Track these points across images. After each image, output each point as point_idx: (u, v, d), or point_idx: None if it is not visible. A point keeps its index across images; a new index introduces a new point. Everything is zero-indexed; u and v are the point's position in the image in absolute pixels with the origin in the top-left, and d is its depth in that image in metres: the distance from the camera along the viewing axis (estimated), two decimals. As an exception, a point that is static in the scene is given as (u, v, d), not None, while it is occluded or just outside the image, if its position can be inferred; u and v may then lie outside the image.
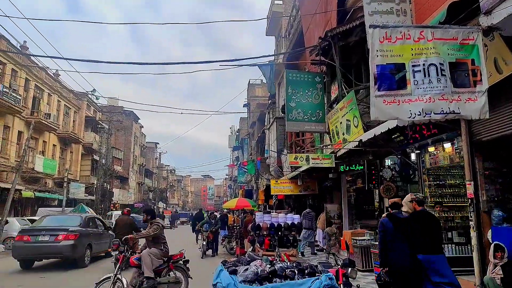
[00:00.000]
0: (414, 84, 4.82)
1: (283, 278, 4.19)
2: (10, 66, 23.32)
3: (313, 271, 4.38)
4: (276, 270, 4.29)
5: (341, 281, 4.49)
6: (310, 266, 4.55)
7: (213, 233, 13.96)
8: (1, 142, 22.79)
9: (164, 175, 76.04)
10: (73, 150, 33.15)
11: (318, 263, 5.35)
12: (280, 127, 20.13)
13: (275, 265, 4.49)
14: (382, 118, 5.31)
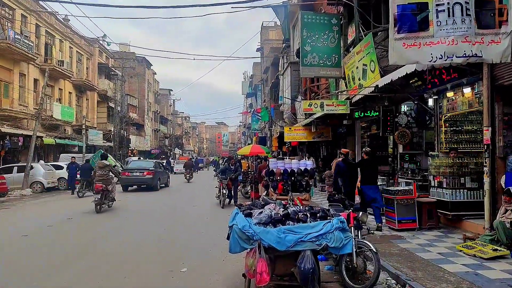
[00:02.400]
0: (437, 25, 4.57)
1: (296, 221, 4.37)
2: (19, 11, 22.90)
3: (325, 214, 4.53)
4: (289, 213, 4.46)
5: (352, 223, 4.66)
6: (322, 210, 4.70)
7: (233, 180, 12.91)
8: (18, 90, 23.12)
9: (179, 122, 76.84)
10: (88, 97, 33.48)
11: (330, 207, 5.52)
12: (294, 72, 19.68)
13: (288, 209, 4.65)
14: (401, 63, 5.14)
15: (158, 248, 6.85)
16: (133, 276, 5.22)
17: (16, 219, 10.78)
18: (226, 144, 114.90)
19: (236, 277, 4.86)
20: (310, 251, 4.02)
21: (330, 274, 5.13)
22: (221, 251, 6.01)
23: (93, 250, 6.73)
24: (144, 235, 8.03)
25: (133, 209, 12.45)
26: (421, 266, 5.26)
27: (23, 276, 5.25)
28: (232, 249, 4.30)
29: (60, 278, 5.16)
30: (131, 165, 21.21)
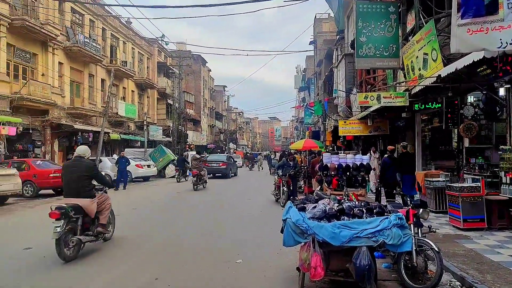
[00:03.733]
0: (508, 7, 4.18)
1: (351, 217, 4.29)
2: (88, 16, 24.83)
3: (382, 210, 4.39)
4: (344, 208, 4.38)
5: (411, 221, 4.46)
6: (379, 205, 4.56)
7: (292, 177, 11.97)
8: (88, 89, 25.14)
9: (233, 117, 78.40)
10: (149, 95, 35.42)
11: (388, 203, 5.33)
12: (349, 64, 19.10)
13: (343, 204, 4.58)
14: (464, 50, 4.78)
15: (215, 238, 7.11)
16: (192, 264, 5.49)
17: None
18: (279, 138, 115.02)
19: (291, 270, 4.90)
20: (366, 247, 3.93)
21: (387, 272, 4.98)
22: (275, 244, 6.08)
23: (157, 235, 7.18)
24: (202, 225, 8.37)
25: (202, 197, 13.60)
26: (490, 268, 4.89)
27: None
28: (286, 243, 4.34)
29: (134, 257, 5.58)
30: (210, 158, 25.56)
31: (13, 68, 18.49)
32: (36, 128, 19.45)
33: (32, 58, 19.79)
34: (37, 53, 19.95)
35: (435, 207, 8.87)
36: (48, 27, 19.60)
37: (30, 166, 14.59)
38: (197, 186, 16.15)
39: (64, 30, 21.92)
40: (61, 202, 6.03)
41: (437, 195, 8.92)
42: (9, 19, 17.38)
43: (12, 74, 18.29)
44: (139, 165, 21.62)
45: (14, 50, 18.47)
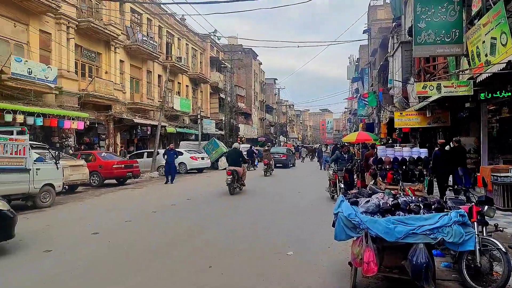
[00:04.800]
0: None
1: (407, 212, 4.11)
2: (145, 15, 26.09)
3: (441, 206, 4.15)
4: (399, 203, 4.21)
5: (475, 218, 4.18)
6: (438, 201, 4.32)
7: (349, 172, 11.14)
8: (146, 85, 26.51)
9: (283, 110, 78.21)
10: (202, 89, 36.48)
11: (448, 199, 5.03)
12: (406, 52, 18.12)
13: (399, 199, 4.40)
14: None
15: (265, 230, 7.20)
16: (244, 254, 5.62)
17: (180, 189, 12.57)
18: (330, 131, 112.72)
19: (342, 265, 4.83)
20: (424, 244, 3.76)
21: (447, 271, 4.72)
22: (326, 238, 6.02)
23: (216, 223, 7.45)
24: (253, 216, 8.52)
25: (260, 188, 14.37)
26: None
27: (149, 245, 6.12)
28: (338, 237, 4.28)
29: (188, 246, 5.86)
30: (273, 150, 27.19)
31: (81, 67, 20.03)
32: (101, 122, 20.94)
33: (96, 57, 21.28)
34: (101, 52, 21.41)
35: (503, 204, 8.20)
36: (110, 28, 20.91)
37: (96, 157, 15.78)
38: (267, 172, 19.62)
39: (124, 29, 23.24)
40: (229, 168, 12.60)
41: (506, 191, 8.23)
42: (77, 22, 18.81)
43: (80, 73, 19.83)
44: (194, 157, 22.43)
45: (81, 50, 19.98)
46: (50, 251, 5.75)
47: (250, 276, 4.68)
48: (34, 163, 9.92)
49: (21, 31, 16.22)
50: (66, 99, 18.05)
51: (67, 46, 18.37)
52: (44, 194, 10.25)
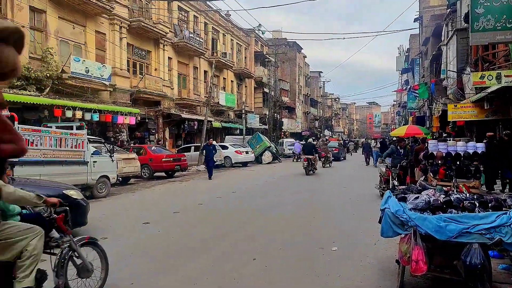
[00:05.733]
0: None
1: (460, 210, 3.90)
2: (192, 13, 26.77)
3: (499, 204, 3.89)
4: (451, 200, 4.00)
5: (537, 218, 3.86)
6: (495, 199, 4.04)
7: (404, 168, 10.29)
8: (193, 81, 27.28)
9: (328, 103, 76.77)
10: (246, 84, 36.81)
11: (508, 197, 4.69)
12: (461, 40, 16.99)
13: (451, 196, 4.18)
14: None
15: (310, 223, 7.17)
16: (287, 248, 5.65)
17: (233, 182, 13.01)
18: (378, 125, 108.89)
19: (389, 262, 4.70)
20: (479, 244, 3.55)
21: (505, 274, 4.42)
22: (372, 234, 5.88)
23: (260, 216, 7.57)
24: (298, 209, 8.52)
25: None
26: None
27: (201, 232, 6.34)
28: (384, 233, 4.16)
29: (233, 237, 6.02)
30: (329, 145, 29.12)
31: (132, 64, 21.05)
32: (151, 118, 21.91)
33: (146, 55, 22.23)
34: (150, 50, 22.33)
35: None
36: (159, 26, 21.72)
37: (146, 151, 16.57)
38: (325, 164, 21.52)
39: (172, 27, 24.02)
40: (305, 156, 17.02)
41: None
42: (128, 22, 19.76)
43: (131, 70, 20.85)
44: (238, 152, 22.79)
45: (132, 48, 20.98)
46: (106, 239, 6.17)
47: (294, 270, 4.71)
48: (91, 156, 10.64)
49: (79, 33, 17.37)
50: (119, 95, 19.09)
51: (120, 45, 19.37)
52: (100, 185, 10.98)
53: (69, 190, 6.10)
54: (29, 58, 14.68)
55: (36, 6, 15.21)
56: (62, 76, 15.30)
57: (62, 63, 15.55)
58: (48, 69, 14.91)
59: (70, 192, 6.03)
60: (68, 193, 5.91)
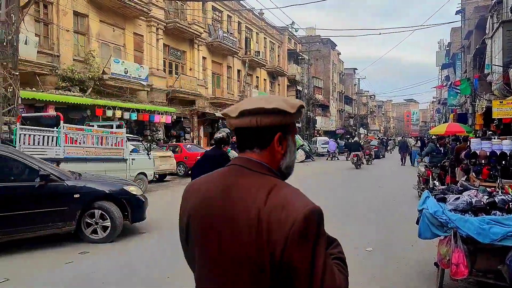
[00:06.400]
0: None
1: (505, 212, 3.70)
2: (225, 13, 27.08)
3: (549, 207, 3.66)
4: (495, 202, 3.81)
5: None
6: (545, 201, 3.80)
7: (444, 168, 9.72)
8: (226, 80, 27.61)
9: (363, 101, 75.02)
10: (279, 82, 36.75)
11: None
12: (508, 33, 16.03)
13: (495, 197, 3.98)
14: None
15: (345, 222, 7.07)
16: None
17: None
18: (416, 122, 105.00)
19: (427, 265, 4.56)
20: (525, 249, 3.36)
21: (555, 281, 4.15)
22: (409, 235, 5.71)
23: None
24: (334, 207, 8.41)
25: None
26: None
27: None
28: (422, 235, 4.03)
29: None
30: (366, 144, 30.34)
31: (168, 65, 21.63)
32: (186, 117, 22.42)
33: (181, 55, 22.76)
34: (185, 50, 22.84)
35: None
36: (194, 27, 22.16)
37: (182, 149, 16.99)
38: (368, 162, 22.94)
39: (206, 27, 24.43)
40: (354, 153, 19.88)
41: None
42: (165, 23, 20.32)
43: (167, 70, 21.43)
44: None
45: (168, 49, 21.56)
46: (144, 233, 6.40)
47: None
48: (130, 154, 11.06)
49: (118, 35, 18.09)
50: (156, 95, 19.69)
51: (157, 46, 19.97)
52: (138, 182, 11.38)
53: (129, 186, 6.26)
54: (73, 61, 15.49)
55: (80, 11, 16.01)
56: (103, 77, 16.01)
57: (103, 64, 16.27)
58: (90, 71, 15.66)
59: (130, 188, 6.19)
60: (128, 189, 6.09)
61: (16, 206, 5.11)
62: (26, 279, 4.24)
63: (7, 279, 4.19)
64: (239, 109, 1.08)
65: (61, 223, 5.36)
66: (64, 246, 5.39)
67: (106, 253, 5.25)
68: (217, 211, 1.04)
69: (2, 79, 8.85)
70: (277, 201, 0.98)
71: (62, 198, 5.39)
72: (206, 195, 1.09)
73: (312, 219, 0.98)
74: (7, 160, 5.24)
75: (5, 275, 4.29)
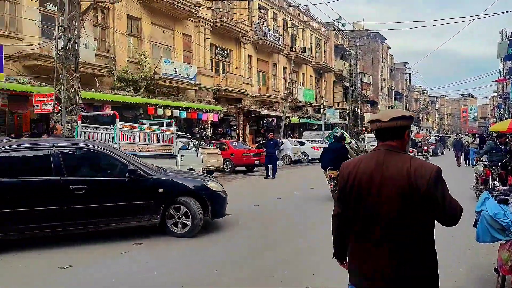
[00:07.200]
0: None
1: None
2: (271, 10, 27.10)
3: None
4: None
5: None
6: None
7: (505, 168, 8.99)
8: (272, 78, 27.65)
9: (415, 96, 71.55)
10: (326, 79, 36.11)
11: None
12: None
13: None
14: None
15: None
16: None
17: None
18: (474, 119, 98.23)
19: (485, 270, 4.28)
20: None
21: None
22: (465, 239, 5.39)
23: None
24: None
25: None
26: None
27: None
28: (480, 238, 3.79)
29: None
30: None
31: (215, 64, 22.12)
32: (232, 114, 22.81)
33: (228, 54, 23.16)
34: (232, 49, 23.21)
35: None
36: (240, 25, 22.45)
37: (228, 146, 17.32)
38: (426, 159, 21.56)
39: (252, 25, 24.63)
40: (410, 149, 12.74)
41: None
42: (212, 23, 20.79)
43: (214, 69, 21.92)
44: (316, 147, 22.55)
45: (215, 48, 22.04)
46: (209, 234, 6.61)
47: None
48: (179, 151, 11.48)
49: (168, 36, 18.82)
50: (204, 94, 20.23)
51: (204, 46, 20.50)
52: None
53: (209, 182, 6.25)
54: (127, 62, 16.35)
55: (133, 15, 16.86)
56: (154, 77, 16.75)
57: (154, 65, 17.02)
58: (143, 71, 16.46)
59: (211, 184, 6.17)
60: (208, 185, 6.09)
61: (108, 198, 5.43)
62: (88, 266, 4.57)
63: (70, 265, 4.55)
64: (389, 116, 1.84)
65: (147, 216, 5.57)
66: (119, 239, 5.72)
67: (158, 245, 5.50)
68: (379, 173, 1.81)
69: (65, 81, 9.57)
70: (417, 164, 1.79)
71: (148, 192, 5.59)
72: (367, 165, 1.86)
73: (439, 172, 1.79)
74: (101, 155, 5.60)
75: (69, 261, 4.66)
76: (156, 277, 4.24)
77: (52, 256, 4.86)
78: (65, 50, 9.57)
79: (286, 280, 4.19)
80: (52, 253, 4.98)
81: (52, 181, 5.12)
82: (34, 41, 12.55)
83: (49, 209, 5.07)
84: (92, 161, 5.71)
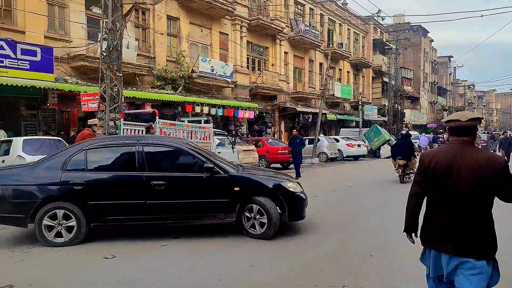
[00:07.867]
0: None
1: None
2: (308, 6, 26.79)
3: None
4: None
5: None
6: None
7: None
8: (308, 74, 27.37)
9: (460, 91, 67.91)
10: (364, 74, 35.19)
11: None
12: None
13: None
14: None
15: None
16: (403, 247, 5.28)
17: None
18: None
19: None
20: None
21: None
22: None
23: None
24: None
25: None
26: None
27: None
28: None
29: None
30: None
31: (251, 61, 22.24)
32: (268, 112, 22.85)
33: (264, 51, 23.19)
34: (268, 46, 23.21)
35: None
36: (276, 22, 22.39)
37: (264, 143, 17.38)
38: None
39: (288, 22, 24.48)
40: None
41: None
42: (248, 20, 20.90)
43: (250, 67, 22.04)
44: (350, 144, 22.10)
45: (251, 46, 22.14)
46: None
47: (415, 270, 4.39)
48: (216, 147, 11.69)
49: (205, 35, 19.15)
50: (240, 91, 20.42)
51: (240, 43, 20.66)
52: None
53: (287, 182, 5.86)
54: (166, 61, 16.84)
55: (172, 15, 17.33)
56: (192, 76, 17.14)
57: (192, 63, 17.40)
58: (181, 70, 16.88)
59: (288, 184, 5.79)
60: (285, 185, 5.74)
61: (186, 194, 5.51)
62: (130, 257, 4.80)
63: (114, 256, 4.80)
64: (467, 117, 2.37)
65: (223, 214, 5.52)
66: (156, 233, 5.93)
67: (194, 240, 5.65)
68: (457, 162, 2.35)
69: (109, 81, 10.03)
70: (489, 155, 2.35)
71: (224, 190, 5.51)
72: (446, 155, 2.41)
73: (506, 162, 2.34)
74: (181, 152, 5.73)
75: (113, 252, 4.91)
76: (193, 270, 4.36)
77: (98, 248, 5.15)
78: (109, 51, 10.01)
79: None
80: (97, 246, 5.27)
81: (136, 176, 5.35)
82: (81, 43, 13.26)
83: (133, 203, 5.34)
84: (172, 158, 5.82)
